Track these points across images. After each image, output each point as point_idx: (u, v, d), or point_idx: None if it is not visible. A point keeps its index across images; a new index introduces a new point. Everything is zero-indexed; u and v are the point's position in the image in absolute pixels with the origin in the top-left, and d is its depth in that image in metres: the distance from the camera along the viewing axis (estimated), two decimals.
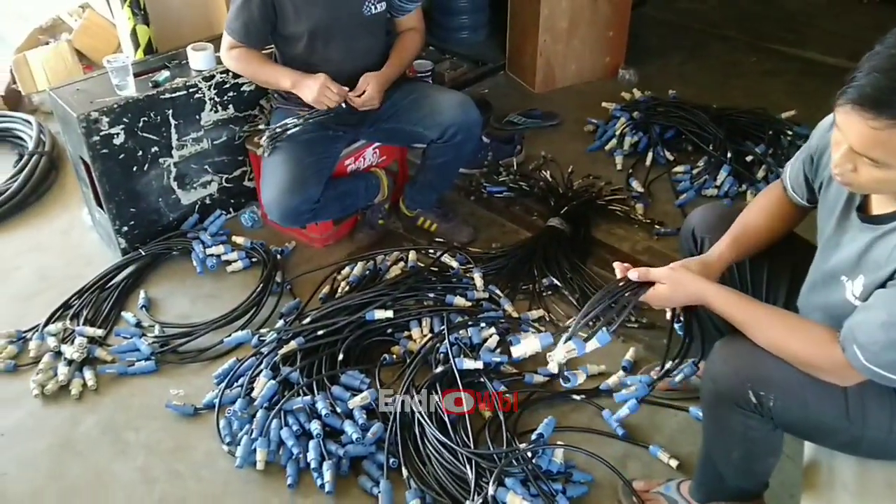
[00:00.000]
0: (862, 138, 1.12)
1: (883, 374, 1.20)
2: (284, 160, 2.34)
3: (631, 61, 3.77)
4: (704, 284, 1.43)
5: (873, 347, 1.19)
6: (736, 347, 1.38)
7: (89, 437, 2.01)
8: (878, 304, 1.20)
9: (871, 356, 1.20)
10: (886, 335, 1.18)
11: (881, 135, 1.09)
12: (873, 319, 1.20)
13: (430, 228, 2.72)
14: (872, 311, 1.21)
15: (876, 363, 1.20)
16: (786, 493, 1.74)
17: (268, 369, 2.05)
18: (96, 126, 2.34)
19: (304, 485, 1.85)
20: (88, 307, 2.38)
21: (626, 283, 1.51)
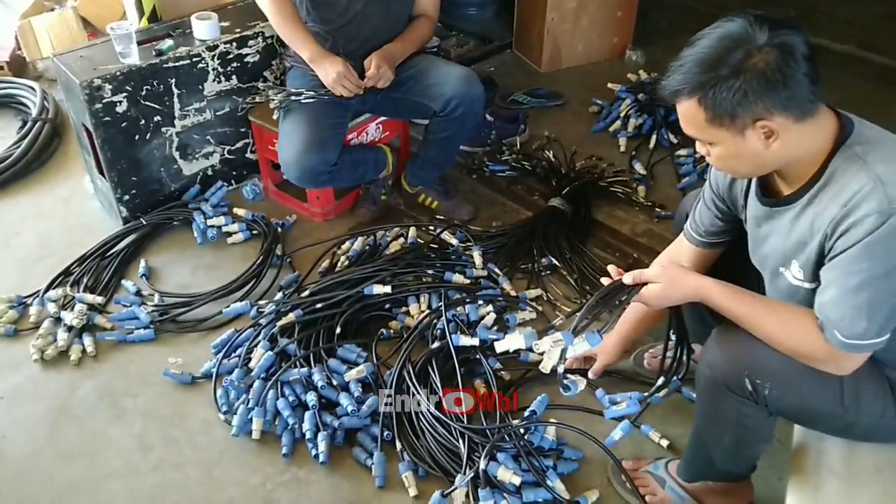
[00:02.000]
0: (681, 120, 1.29)
1: (863, 343, 1.23)
2: (303, 120, 2.34)
3: (638, 42, 3.74)
4: (700, 280, 1.43)
5: (844, 322, 1.23)
6: (733, 335, 1.38)
7: (87, 402, 2.03)
8: (829, 281, 1.25)
9: (846, 330, 1.23)
10: (848, 305, 1.22)
11: (684, 112, 1.26)
12: (832, 297, 1.24)
13: (431, 205, 2.72)
14: (827, 291, 1.25)
15: (853, 335, 1.23)
16: (774, 475, 1.76)
17: (266, 340, 2.07)
18: (99, 93, 2.33)
19: (299, 454, 1.87)
20: (89, 274, 2.40)
21: (619, 285, 1.50)
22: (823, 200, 1.24)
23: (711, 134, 1.25)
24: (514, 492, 1.73)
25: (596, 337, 1.50)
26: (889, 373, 1.34)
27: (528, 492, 1.72)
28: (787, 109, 1.19)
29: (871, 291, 1.19)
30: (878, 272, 1.18)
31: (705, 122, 1.23)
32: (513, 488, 1.73)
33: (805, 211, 1.28)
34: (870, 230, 1.16)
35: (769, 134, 1.22)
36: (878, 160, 1.20)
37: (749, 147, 1.24)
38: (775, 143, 1.22)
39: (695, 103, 1.22)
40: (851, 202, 1.19)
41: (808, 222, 1.27)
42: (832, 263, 1.23)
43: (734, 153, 1.27)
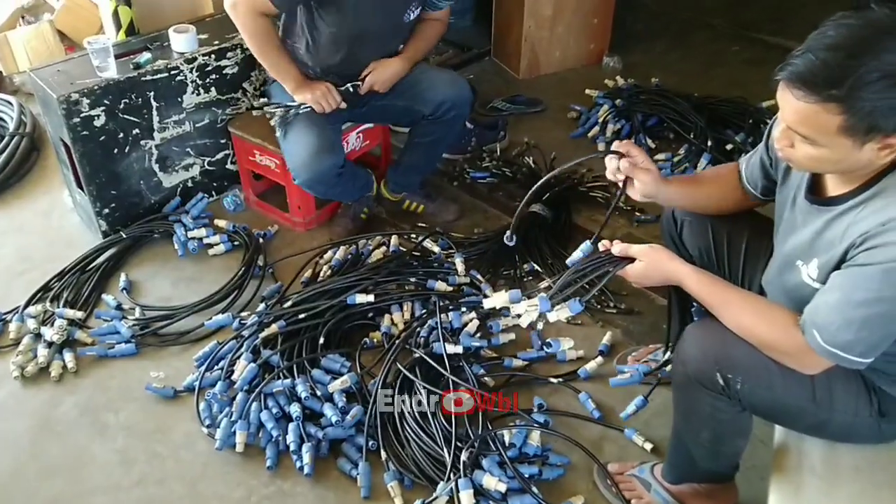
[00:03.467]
0: (793, 115, 1.17)
1: (842, 354, 1.23)
2: (308, 127, 2.32)
3: (615, 48, 3.77)
4: (679, 265, 1.45)
5: (830, 328, 1.22)
6: (705, 331, 1.41)
7: (69, 419, 2.01)
8: (834, 286, 1.24)
9: (828, 337, 1.23)
10: (841, 315, 1.21)
11: (810, 112, 1.14)
12: (829, 301, 1.23)
13: (416, 210, 2.73)
14: (828, 294, 1.24)
15: (833, 344, 1.23)
16: (757, 475, 1.78)
17: (248, 352, 2.06)
18: (77, 108, 2.32)
19: (284, 467, 1.87)
20: (69, 289, 2.38)
21: (607, 255, 1.53)
22: (864, 211, 1.21)
23: (828, 139, 1.16)
24: (500, 499, 1.73)
25: (577, 304, 1.51)
26: (863, 371, 1.35)
27: (515, 499, 1.73)
28: None
29: (869, 311, 1.19)
30: (885, 297, 1.17)
31: (835, 127, 1.13)
32: (498, 495, 1.73)
33: (844, 216, 1.26)
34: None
35: (884, 147, 1.15)
36: None
37: (857, 157, 1.17)
38: (889, 157, 1.17)
39: (837, 108, 1.11)
40: (891, 223, 1.15)
41: (843, 228, 1.25)
42: (845, 272, 1.22)
43: (836, 159, 1.19)
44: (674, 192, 1.62)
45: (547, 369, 2.12)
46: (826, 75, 1.11)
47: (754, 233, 1.64)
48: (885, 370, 1.34)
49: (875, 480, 1.38)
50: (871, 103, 1.10)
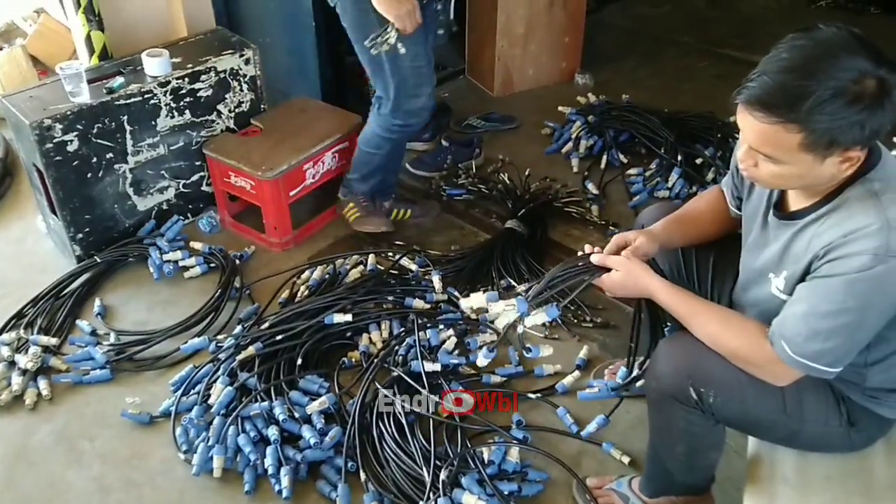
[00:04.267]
0: (755, 135, 1.21)
1: (810, 364, 1.26)
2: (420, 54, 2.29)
3: (586, 66, 3.82)
4: (653, 279, 1.48)
5: (798, 339, 1.25)
6: (678, 346, 1.43)
7: (44, 447, 1.99)
8: (800, 297, 1.27)
9: (796, 348, 1.26)
10: (808, 326, 1.24)
11: (770, 132, 1.17)
12: (796, 312, 1.26)
13: (404, 218, 2.77)
14: (795, 305, 1.27)
15: (802, 354, 1.25)
16: (732, 486, 1.79)
17: (225, 375, 2.05)
18: (49, 133, 2.31)
19: (262, 490, 1.86)
20: (43, 316, 2.35)
21: (586, 262, 1.55)
22: (826, 223, 1.24)
23: (789, 156, 1.18)
24: None
25: (553, 309, 1.54)
26: (832, 382, 1.38)
27: None
28: (873, 139, 1.17)
29: (835, 322, 1.21)
30: (849, 307, 1.20)
31: (795, 145, 1.16)
32: None
33: (807, 229, 1.28)
34: (859, 269, 1.17)
35: (845, 160, 1.18)
36: (893, 202, 1.18)
37: (820, 172, 1.20)
38: (849, 170, 1.19)
39: (795, 126, 1.14)
40: (852, 235, 1.18)
41: (807, 240, 1.27)
42: (810, 284, 1.25)
43: (799, 174, 1.21)
44: (670, 236, 1.63)
45: (525, 385, 2.13)
46: (783, 96, 1.15)
47: (721, 250, 1.67)
48: (852, 380, 1.37)
49: (847, 489, 1.40)
50: (829, 120, 1.13)
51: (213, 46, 2.72)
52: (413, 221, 2.77)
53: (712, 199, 1.68)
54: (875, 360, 1.33)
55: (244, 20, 3.22)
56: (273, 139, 2.67)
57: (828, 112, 1.12)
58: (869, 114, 1.13)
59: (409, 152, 3.20)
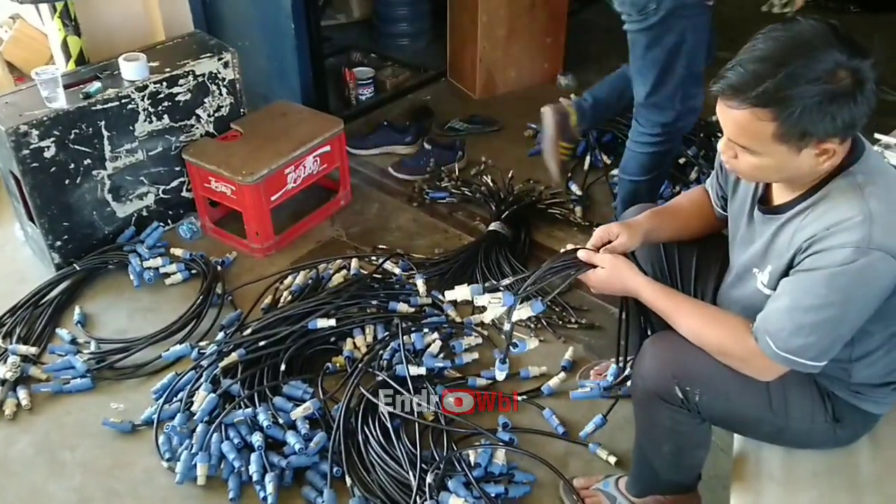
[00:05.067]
0: (731, 125, 1.22)
1: (794, 359, 1.26)
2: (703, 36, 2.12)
3: (569, 67, 3.83)
4: (638, 277, 1.48)
5: (782, 334, 1.25)
6: (663, 345, 1.42)
7: (24, 458, 1.96)
8: (784, 292, 1.27)
9: (780, 343, 1.26)
10: (792, 321, 1.24)
11: (744, 121, 1.18)
12: (780, 307, 1.26)
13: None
14: (779, 300, 1.27)
15: (786, 349, 1.26)
16: (719, 484, 1.80)
17: (208, 382, 2.02)
18: (26, 139, 2.28)
19: (247, 497, 1.83)
20: (22, 325, 2.32)
21: (572, 258, 1.54)
22: (809, 216, 1.24)
23: (766, 146, 1.19)
24: None
25: (538, 304, 1.53)
26: (818, 378, 1.39)
27: None
28: (849, 132, 1.17)
29: (818, 316, 1.22)
30: (832, 300, 1.20)
31: (770, 134, 1.17)
32: None
33: (790, 222, 1.29)
34: (840, 261, 1.17)
35: (822, 153, 1.19)
36: (875, 195, 1.19)
37: (797, 164, 1.20)
38: (826, 162, 1.20)
39: (767, 115, 1.15)
40: (834, 227, 1.18)
41: (790, 234, 1.28)
42: (793, 278, 1.25)
43: (776, 166, 1.22)
44: (653, 228, 1.61)
45: (511, 387, 2.12)
46: (756, 85, 1.15)
47: (703, 247, 1.68)
48: (838, 376, 1.37)
49: (833, 484, 1.40)
50: (800, 109, 1.14)
51: (191, 50, 2.69)
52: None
53: (696, 196, 1.69)
54: (860, 356, 1.34)
55: (222, 23, 3.20)
56: (253, 143, 2.65)
57: (798, 101, 1.13)
58: (840, 105, 1.14)
59: (392, 156, 3.20)
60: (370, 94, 3.57)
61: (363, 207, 2.93)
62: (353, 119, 3.38)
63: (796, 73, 1.13)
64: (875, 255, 1.16)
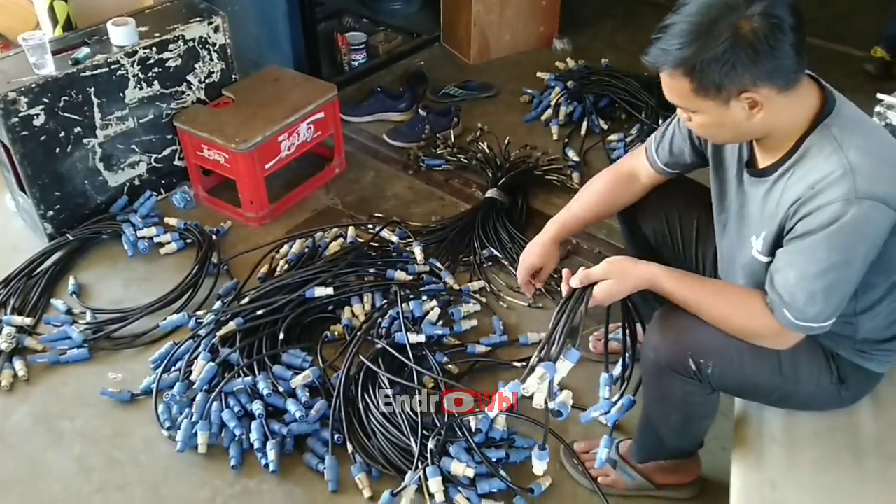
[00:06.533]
0: (665, 90, 1.27)
1: (814, 325, 1.26)
2: None
3: (564, 31, 3.78)
4: (647, 266, 1.43)
5: (797, 304, 1.25)
6: (675, 318, 1.41)
7: (22, 428, 1.95)
8: (787, 263, 1.26)
9: (798, 313, 1.25)
10: (803, 290, 1.23)
11: (669, 82, 1.24)
12: (788, 279, 1.25)
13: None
14: (784, 272, 1.26)
15: (804, 319, 1.26)
16: (718, 447, 1.81)
17: (206, 351, 2.01)
18: (14, 107, 2.24)
19: (249, 465, 1.84)
20: (16, 296, 2.30)
21: (571, 294, 1.48)
22: (793, 177, 1.24)
23: (695, 103, 1.23)
24: (468, 485, 1.73)
25: (574, 352, 1.45)
26: (823, 342, 1.39)
27: (483, 483, 1.73)
28: (773, 81, 1.18)
29: (828, 280, 1.21)
30: (836, 261, 1.19)
31: (690, 92, 1.21)
32: (467, 481, 1.73)
33: (776, 185, 1.28)
34: (833, 219, 1.16)
35: (753, 104, 1.20)
36: (853, 146, 1.19)
37: (733, 116, 1.23)
38: (759, 113, 1.21)
39: (680, 74, 1.20)
40: (819, 185, 1.18)
41: (777, 197, 1.27)
42: (792, 247, 1.24)
43: (717, 122, 1.25)
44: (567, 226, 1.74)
45: (510, 353, 2.13)
46: (666, 48, 1.20)
47: (703, 210, 1.65)
48: (844, 333, 1.37)
49: (835, 444, 1.41)
50: (702, 64, 1.16)
51: (180, 14, 2.63)
52: None
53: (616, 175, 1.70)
54: (864, 308, 1.34)
55: None
56: (246, 110, 2.61)
57: (699, 57, 1.16)
58: (742, 55, 1.15)
59: (386, 123, 3.16)
60: (363, 60, 3.52)
61: (358, 175, 2.90)
62: (345, 85, 3.33)
63: (698, 32, 1.16)
64: (864, 204, 1.16)
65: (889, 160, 1.20)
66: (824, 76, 1.28)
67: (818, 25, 3.73)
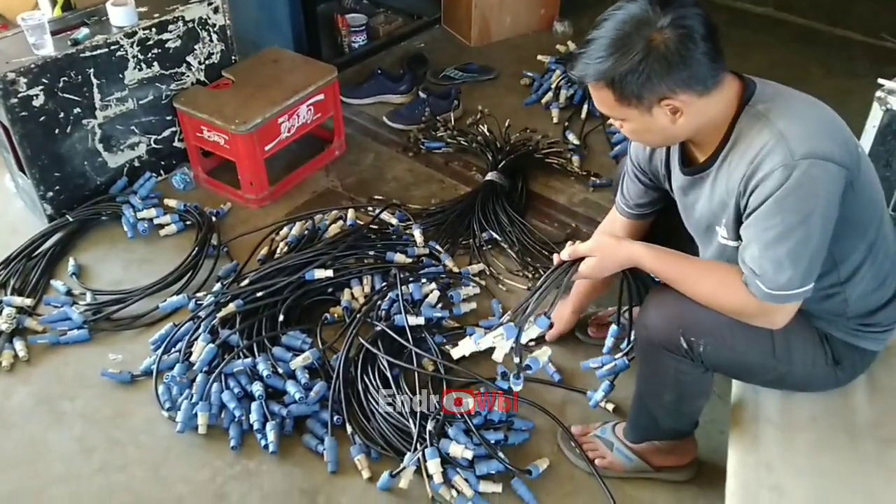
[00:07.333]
0: (595, 101, 1.32)
1: (788, 293, 1.27)
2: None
3: (565, 13, 3.76)
4: (632, 246, 1.45)
5: (767, 275, 1.26)
6: (667, 296, 1.42)
7: (23, 409, 1.96)
8: (749, 238, 1.28)
9: (769, 283, 1.26)
10: (769, 259, 1.25)
11: (595, 94, 1.30)
12: (753, 253, 1.27)
13: None
14: (750, 246, 1.28)
15: (777, 287, 1.26)
16: (715, 429, 1.82)
17: (206, 333, 2.02)
18: (14, 87, 2.23)
19: (248, 446, 1.85)
20: (16, 277, 2.30)
21: (559, 265, 1.52)
22: (733, 161, 1.28)
23: (621, 112, 1.29)
24: (467, 466, 1.74)
25: (544, 320, 1.51)
26: (816, 323, 1.40)
27: (482, 465, 1.74)
28: (690, 87, 1.23)
29: (788, 243, 1.23)
30: (791, 223, 1.21)
31: (614, 101, 1.27)
32: (465, 463, 1.74)
33: (720, 174, 1.32)
34: (778, 184, 1.20)
35: (674, 110, 1.25)
36: (779, 116, 1.24)
37: (657, 122, 1.28)
38: (681, 118, 1.26)
39: (602, 86, 1.25)
40: (757, 158, 1.22)
41: (724, 184, 1.31)
42: (749, 221, 1.27)
43: (644, 128, 1.31)
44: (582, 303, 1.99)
45: None
46: (587, 61, 1.25)
47: None
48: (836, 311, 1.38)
49: (831, 426, 1.42)
50: (619, 77, 1.22)
51: None
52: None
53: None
54: (848, 275, 1.35)
55: None
56: (246, 92, 2.60)
57: (615, 70, 1.22)
58: (651, 66, 1.19)
59: (386, 105, 3.15)
60: (363, 42, 3.51)
61: (358, 158, 2.90)
62: (345, 67, 3.32)
63: (614, 46, 1.21)
64: (803, 164, 1.18)
65: (819, 119, 1.25)
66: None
67: (820, 10, 3.70)
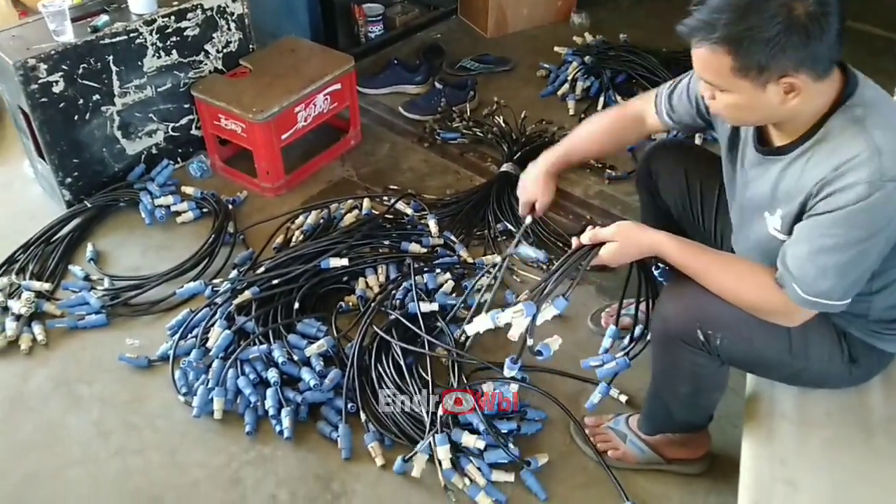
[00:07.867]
0: (697, 63, 1.24)
1: (823, 302, 1.26)
2: None
3: (582, 5, 3.74)
4: (654, 234, 1.43)
5: (807, 279, 1.24)
6: (684, 288, 1.41)
7: (41, 392, 1.98)
8: (801, 237, 1.25)
9: (808, 288, 1.25)
10: (815, 265, 1.23)
11: (705, 57, 1.20)
12: (801, 252, 1.25)
13: None
14: (798, 246, 1.26)
15: (814, 294, 1.25)
16: (729, 424, 1.82)
17: (222, 319, 2.04)
18: (34, 74, 2.25)
19: (263, 432, 1.87)
20: (34, 261, 2.33)
21: (579, 248, 1.50)
22: (814, 158, 1.23)
23: (730, 82, 1.20)
24: (478, 455, 1.75)
25: (561, 300, 1.48)
26: (835, 319, 1.39)
27: (492, 453, 1.75)
28: (814, 67, 1.16)
29: (841, 256, 1.20)
30: (853, 239, 1.19)
31: (729, 70, 1.17)
32: (477, 451, 1.75)
33: (794, 164, 1.27)
34: (856, 199, 1.15)
35: (789, 90, 1.18)
36: (877, 126, 1.17)
37: (766, 100, 1.20)
38: (794, 99, 1.19)
39: (722, 50, 1.16)
40: (844, 167, 1.17)
41: (796, 177, 1.26)
42: (809, 222, 1.23)
43: (748, 104, 1.22)
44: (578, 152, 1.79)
45: None
46: (711, 21, 1.16)
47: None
48: (857, 313, 1.37)
49: (846, 423, 1.42)
50: (751, 43, 1.13)
51: None
52: None
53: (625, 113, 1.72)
54: (880, 287, 1.33)
55: None
56: (263, 81, 2.61)
57: (749, 35, 1.13)
58: (793, 39, 1.12)
59: (402, 95, 3.15)
60: (379, 32, 3.50)
61: (374, 148, 2.90)
62: (362, 57, 3.32)
63: (748, 8, 1.13)
64: (889, 186, 1.15)
65: None
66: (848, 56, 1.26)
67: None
